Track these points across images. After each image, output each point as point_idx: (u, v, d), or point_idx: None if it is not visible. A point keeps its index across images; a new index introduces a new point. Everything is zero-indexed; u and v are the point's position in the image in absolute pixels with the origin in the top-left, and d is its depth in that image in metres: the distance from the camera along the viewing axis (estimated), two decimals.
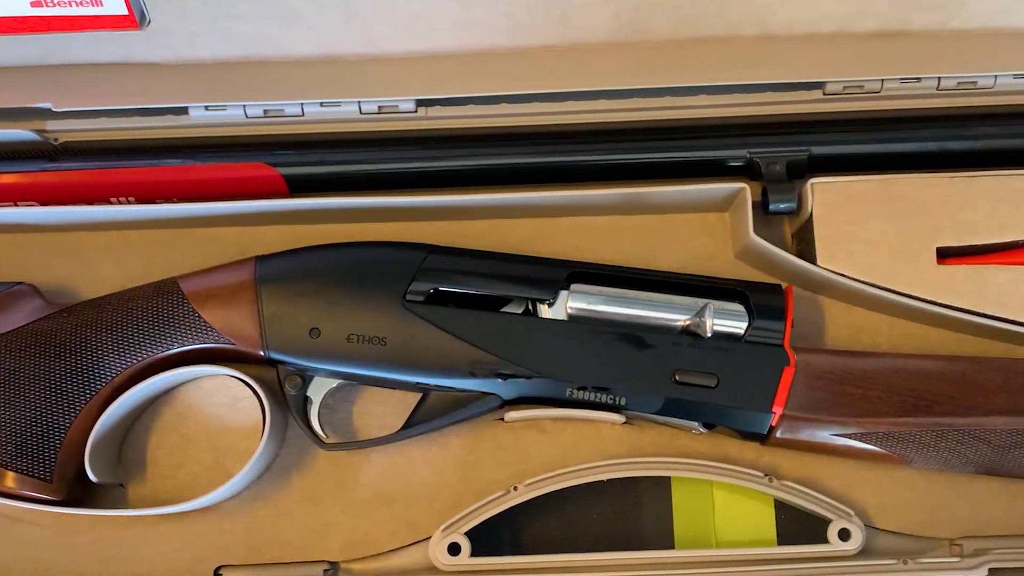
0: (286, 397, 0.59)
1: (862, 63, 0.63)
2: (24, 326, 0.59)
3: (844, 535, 0.58)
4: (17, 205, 0.63)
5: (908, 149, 0.62)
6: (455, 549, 0.57)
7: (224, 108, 0.64)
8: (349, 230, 0.65)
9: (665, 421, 0.59)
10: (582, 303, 0.58)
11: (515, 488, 0.58)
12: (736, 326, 0.57)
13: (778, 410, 0.56)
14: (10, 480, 0.57)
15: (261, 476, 0.61)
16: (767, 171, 0.61)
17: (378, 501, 0.61)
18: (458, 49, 0.63)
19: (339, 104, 0.64)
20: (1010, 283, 0.59)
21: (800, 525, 0.59)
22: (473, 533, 0.57)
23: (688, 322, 0.57)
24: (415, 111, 0.65)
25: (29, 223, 0.64)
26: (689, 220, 0.65)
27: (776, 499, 0.60)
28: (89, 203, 0.63)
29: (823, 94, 0.64)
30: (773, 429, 0.57)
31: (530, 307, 0.59)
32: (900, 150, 0.62)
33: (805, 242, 0.61)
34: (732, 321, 0.57)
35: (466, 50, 0.64)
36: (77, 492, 0.59)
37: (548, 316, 0.58)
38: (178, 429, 0.62)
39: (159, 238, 0.65)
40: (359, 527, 0.61)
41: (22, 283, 0.60)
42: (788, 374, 0.56)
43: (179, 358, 0.59)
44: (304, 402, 0.59)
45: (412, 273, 0.58)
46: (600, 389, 0.57)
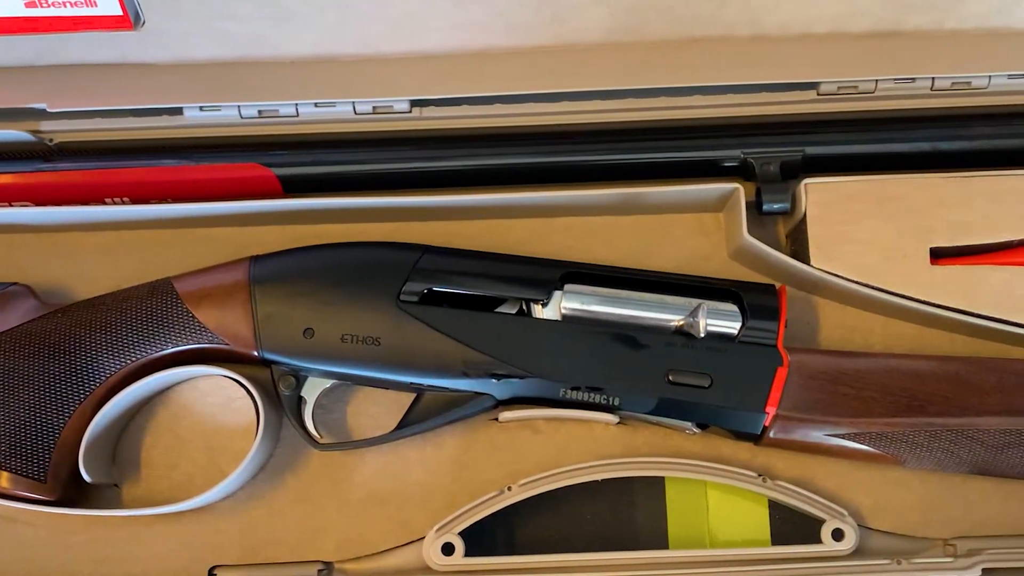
0: (280, 397, 0.59)
1: (856, 63, 0.63)
2: (18, 326, 0.59)
3: (838, 535, 0.58)
4: (12, 205, 0.63)
5: (902, 149, 0.62)
6: (449, 549, 0.57)
7: (219, 108, 0.64)
8: (344, 230, 0.65)
9: (659, 421, 0.59)
10: (576, 303, 0.58)
11: (509, 488, 0.58)
12: (729, 326, 0.57)
13: (771, 410, 0.56)
14: (4, 480, 0.57)
15: (255, 476, 0.62)
16: (761, 171, 0.61)
17: (372, 501, 0.61)
18: (452, 49, 0.64)
19: (334, 104, 0.64)
20: (1004, 283, 0.59)
21: (794, 525, 0.59)
22: (467, 533, 0.57)
23: (682, 322, 0.57)
24: (409, 111, 0.65)
25: (24, 223, 0.64)
26: (684, 220, 0.65)
27: (770, 499, 0.60)
28: (84, 203, 0.63)
29: (817, 94, 0.64)
30: (766, 429, 0.57)
31: (524, 307, 0.59)
32: (894, 150, 0.62)
33: (799, 242, 0.61)
34: (725, 321, 0.57)
35: (460, 50, 0.64)
36: (71, 492, 0.59)
37: (542, 316, 0.58)
38: (172, 429, 0.62)
39: (154, 238, 0.65)
40: (353, 527, 0.61)
41: (16, 283, 0.61)
42: (781, 374, 0.57)
43: (173, 358, 0.59)
44: (298, 402, 0.59)
45: (406, 273, 0.58)
46: (594, 389, 0.57)
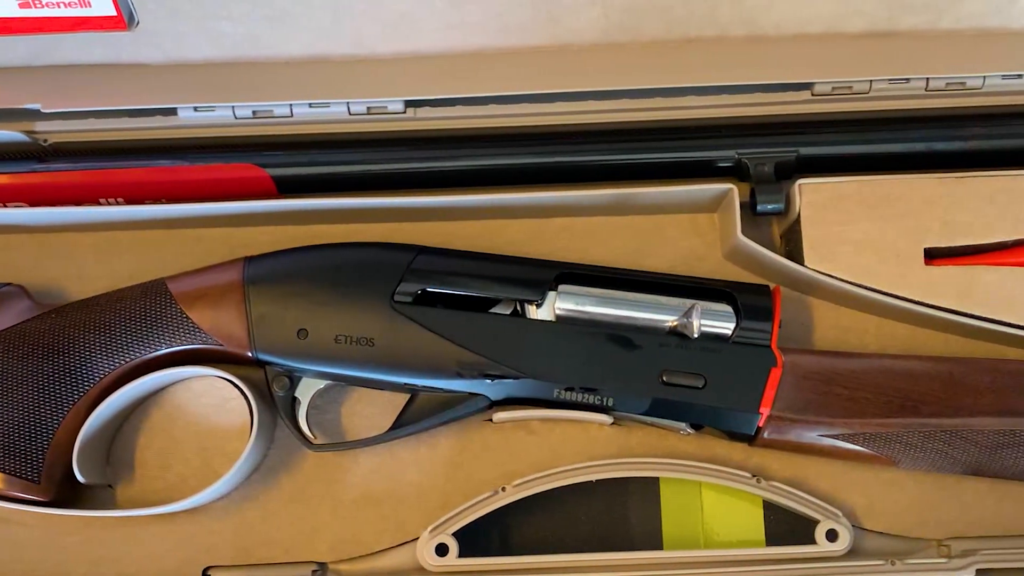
0: (274, 398, 0.59)
1: (851, 64, 0.63)
2: (12, 327, 0.59)
3: (832, 536, 0.58)
4: (6, 206, 0.63)
5: (897, 150, 0.62)
6: (443, 550, 0.57)
7: (213, 109, 0.64)
8: (338, 231, 0.65)
9: (653, 422, 0.59)
10: (570, 304, 0.58)
11: (503, 489, 0.58)
12: (723, 327, 0.57)
13: (765, 411, 0.56)
14: None
15: (249, 477, 0.61)
16: (755, 172, 0.61)
17: (366, 502, 0.61)
18: (447, 50, 0.64)
19: (328, 105, 0.64)
20: (998, 284, 0.59)
21: (789, 526, 0.59)
22: (461, 534, 0.57)
23: (676, 323, 0.57)
24: (404, 112, 0.65)
25: (18, 224, 0.64)
26: (678, 221, 0.65)
27: (764, 500, 0.59)
28: (78, 204, 0.63)
29: (812, 95, 0.64)
30: (760, 430, 0.57)
31: (518, 308, 0.59)
32: (889, 151, 0.62)
33: (793, 243, 0.61)
34: (719, 322, 0.57)
35: (455, 51, 0.64)
36: (65, 493, 0.59)
37: (536, 317, 0.58)
38: (166, 430, 0.62)
39: (148, 239, 0.65)
40: (347, 528, 0.61)
41: (10, 284, 0.61)
42: (775, 375, 0.56)
43: (167, 359, 0.59)
44: (292, 403, 0.59)
45: (400, 274, 0.58)
46: (588, 390, 0.57)
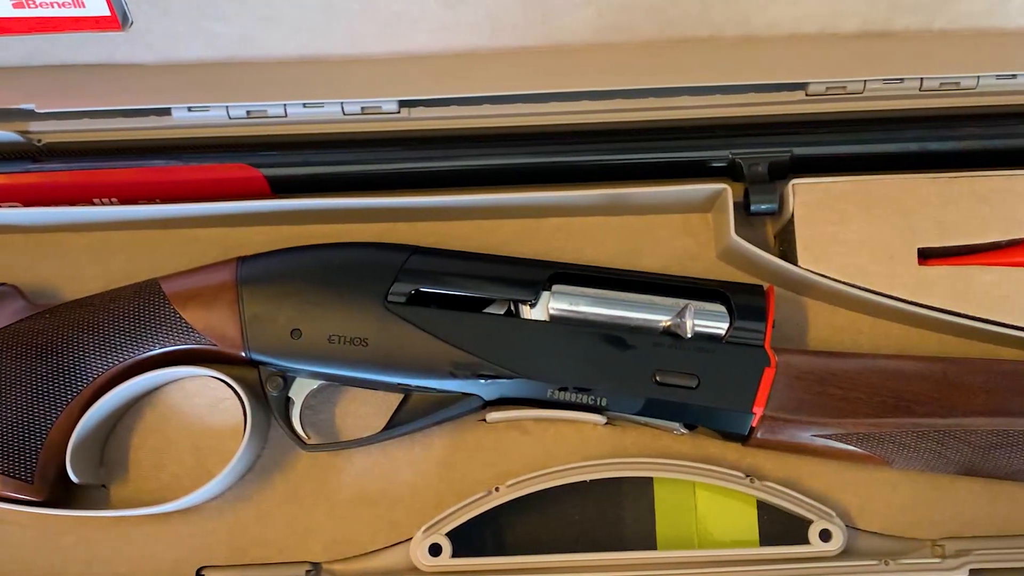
0: (268, 398, 0.59)
1: (845, 64, 0.63)
2: (6, 327, 0.59)
3: (825, 536, 0.58)
4: (0, 206, 0.63)
5: (891, 150, 0.62)
6: (436, 550, 0.57)
7: (207, 109, 0.64)
8: (332, 231, 0.65)
9: (646, 422, 0.59)
10: (564, 304, 0.58)
11: (497, 489, 0.58)
12: (717, 327, 0.57)
13: (758, 411, 0.56)
14: None
15: (243, 477, 0.62)
16: (749, 172, 0.61)
17: (360, 502, 0.61)
18: (441, 50, 0.63)
19: (322, 105, 0.64)
20: (991, 284, 0.59)
21: (782, 526, 0.59)
22: (455, 534, 0.57)
23: (669, 323, 0.57)
24: (398, 112, 0.65)
25: (12, 224, 0.64)
26: (672, 221, 0.65)
27: (758, 500, 0.59)
28: (72, 204, 0.63)
29: (806, 95, 0.64)
30: (754, 430, 0.57)
31: (512, 308, 0.59)
32: (883, 151, 0.62)
33: (787, 243, 0.61)
34: (713, 322, 0.57)
35: (449, 51, 0.64)
36: (59, 493, 0.59)
37: (530, 317, 0.58)
38: (160, 430, 0.62)
39: (142, 239, 0.65)
40: (341, 528, 0.61)
41: (4, 284, 0.61)
42: (768, 375, 0.56)
43: (161, 359, 0.59)
44: (286, 403, 0.59)
45: (394, 274, 0.58)
46: (581, 390, 0.57)
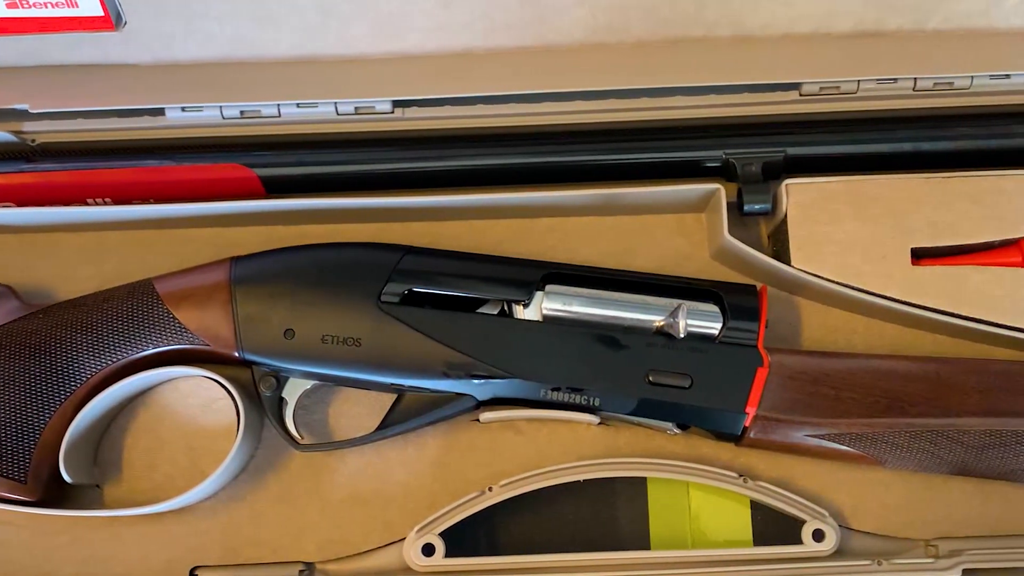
0: (261, 398, 0.59)
1: (838, 64, 0.63)
2: (0, 327, 0.59)
3: (818, 536, 0.57)
4: None
5: (884, 150, 0.62)
6: (429, 550, 0.57)
7: (201, 109, 0.64)
8: (326, 231, 0.65)
9: (639, 422, 0.59)
10: (557, 304, 0.58)
11: (490, 489, 0.58)
12: (710, 327, 0.57)
13: (751, 411, 0.56)
14: None
15: (237, 477, 0.61)
16: (743, 172, 0.61)
17: (354, 502, 0.61)
18: (434, 50, 0.64)
19: (316, 105, 0.64)
20: (984, 284, 0.59)
21: (776, 526, 0.59)
22: (448, 534, 0.57)
23: (662, 323, 0.57)
24: (392, 112, 0.65)
25: (6, 224, 0.64)
26: (666, 221, 0.65)
27: (752, 500, 0.59)
28: (66, 204, 0.63)
29: (799, 95, 0.64)
30: (747, 430, 0.57)
31: (505, 308, 0.59)
32: (876, 151, 0.62)
33: (780, 243, 0.61)
34: (706, 322, 0.57)
35: (442, 51, 0.64)
36: (52, 493, 0.59)
37: (523, 317, 0.58)
38: (154, 430, 0.62)
39: (136, 239, 0.65)
40: (335, 528, 0.61)
41: None
42: (761, 375, 0.56)
43: (154, 359, 0.59)
44: (279, 403, 0.59)
45: (387, 274, 0.58)
46: (574, 390, 0.57)
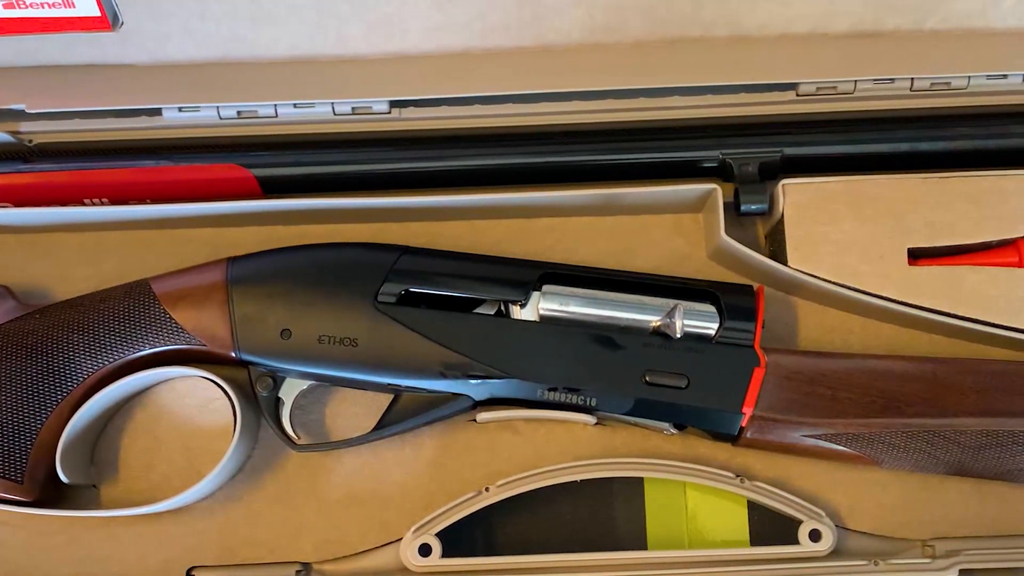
0: (258, 398, 0.59)
1: (835, 64, 0.63)
2: None
3: (815, 536, 0.58)
4: None
5: (881, 150, 0.62)
6: (426, 550, 0.57)
7: (197, 109, 0.64)
8: (323, 231, 0.65)
9: (636, 422, 0.59)
10: (554, 304, 0.58)
11: (487, 489, 0.58)
12: (706, 327, 0.57)
13: (748, 411, 0.56)
14: None
15: (234, 477, 0.62)
16: (740, 172, 0.61)
17: (350, 502, 0.61)
18: (431, 50, 0.64)
19: (313, 105, 0.64)
20: (981, 284, 0.59)
21: (773, 526, 0.59)
22: (445, 534, 0.57)
23: (659, 323, 0.57)
24: (389, 112, 0.65)
25: (3, 224, 0.64)
26: (663, 221, 0.65)
27: (748, 500, 0.59)
28: (63, 204, 0.63)
29: (796, 95, 0.64)
30: (743, 430, 0.57)
31: (502, 308, 0.59)
32: (873, 151, 0.62)
33: (777, 243, 0.61)
34: (702, 322, 0.57)
35: (439, 51, 0.64)
36: (49, 493, 0.59)
37: (520, 317, 0.58)
38: (150, 430, 0.62)
39: (133, 239, 0.65)
40: (331, 528, 0.61)
41: None
42: (758, 375, 0.56)
43: (151, 359, 0.59)
44: (276, 403, 0.59)
45: (384, 274, 0.58)
46: (571, 390, 0.57)
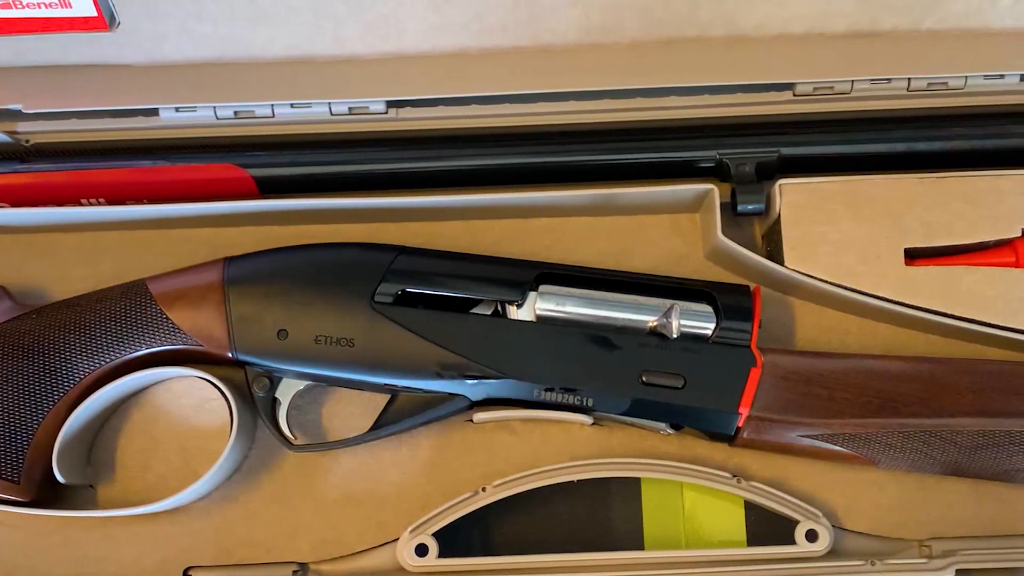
0: (254, 399, 0.59)
1: (832, 64, 0.63)
2: None
3: (811, 536, 0.57)
4: None
5: (878, 150, 0.62)
6: (423, 550, 0.57)
7: (194, 109, 0.64)
8: (320, 231, 0.65)
9: (633, 422, 0.59)
10: (550, 304, 0.58)
11: (484, 489, 0.58)
12: (703, 327, 0.57)
13: (744, 411, 0.56)
14: None
15: (231, 477, 0.62)
16: (736, 172, 0.61)
17: (347, 502, 0.61)
18: (428, 50, 0.63)
19: (310, 105, 0.64)
20: (978, 284, 0.59)
21: (770, 526, 0.59)
22: (442, 534, 0.57)
23: (656, 323, 0.57)
24: (385, 112, 0.65)
25: (0, 224, 0.64)
26: (660, 221, 0.65)
27: (745, 500, 0.59)
28: (60, 204, 0.63)
29: (793, 95, 0.64)
30: (740, 430, 0.57)
31: (499, 308, 0.59)
32: (870, 151, 0.62)
33: (774, 243, 0.61)
34: (699, 322, 0.57)
35: (436, 51, 0.64)
36: (46, 493, 0.59)
37: (517, 317, 0.58)
38: (147, 430, 0.62)
39: (130, 239, 0.65)
40: (328, 528, 0.61)
41: None
42: (755, 375, 0.56)
43: (148, 360, 0.59)
44: (272, 403, 0.59)
45: (381, 274, 0.58)
46: (568, 390, 0.57)
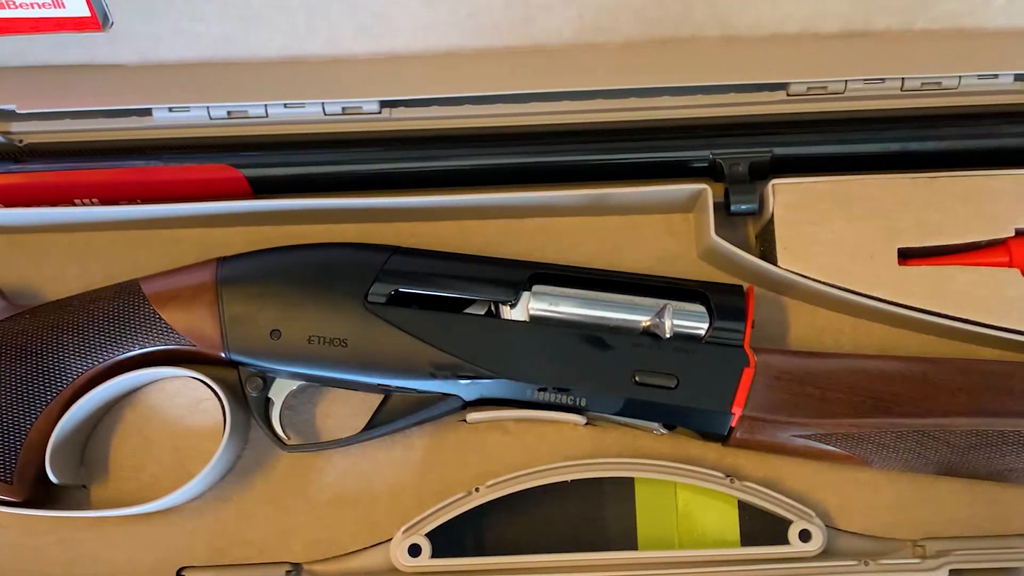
0: (247, 399, 0.58)
1: (826, 64, 0.63)
2: None
3: (805, 536, 0.57)
4: None
5: (871, 150, 0.62)
6: (416, 550, 0.57)
7: (188, 109, 0.64)
8: (313, 231, 0.65)
9: (626, 422, 0.59)
10: (544, 304, 0.58)
11: (477, 489, 0.58)
12: (696, 327, 0.57)
13: (738, 411, 0.56)
14: None
15: (224, 477, 0.61)
16: (730, 172, 0.61)
17: (340, 502, 0.61)
18: (422, 50, 0.64)
19: (303, 105, 0.64)
20: (971, 284, 0.59)
21: (764, 526, 0.59)
22: (435, 534, 0.57)
23: (649, 323, 0.57)
24: (379, 112, 0.65)
25: None
26: (653, 221, 0.65)
27: (739, 500, 0.59)
28: (53, 204, 0.63)
29: (787, 95, 0.64)
30: (733, 430, 0.57)
31: (492, 308, 0.59)
32: (863, 151, 0.62)
33: (767, 243, 0.61)
34: (692, 322, 0.57)
35: (430, 51, 0.64)
36: (39, 493, 0.59)
37: (510, 318, 0.58)
38: (140, 431, 0.62)
39: (123, 239, 0.65)
40: (321, 528, 0.61)
41: None
42: (748, 375, 0.56)
43: (141, 360, 0.59)
44: (266, 403, 0.59)
45: (374, 274, 0.58)
46: (561, 390, 0.57)
